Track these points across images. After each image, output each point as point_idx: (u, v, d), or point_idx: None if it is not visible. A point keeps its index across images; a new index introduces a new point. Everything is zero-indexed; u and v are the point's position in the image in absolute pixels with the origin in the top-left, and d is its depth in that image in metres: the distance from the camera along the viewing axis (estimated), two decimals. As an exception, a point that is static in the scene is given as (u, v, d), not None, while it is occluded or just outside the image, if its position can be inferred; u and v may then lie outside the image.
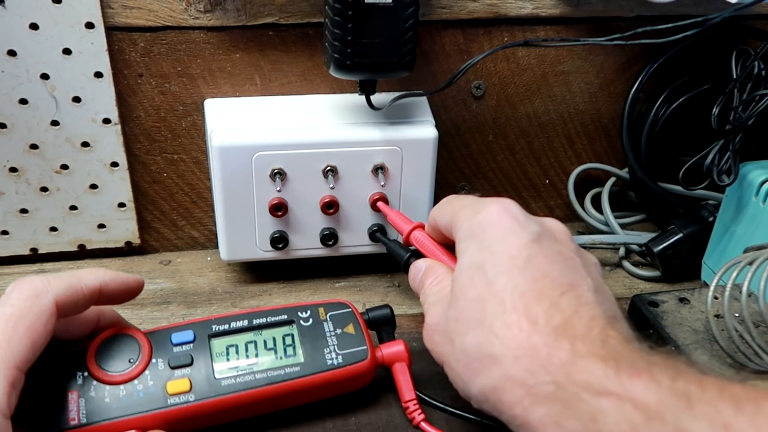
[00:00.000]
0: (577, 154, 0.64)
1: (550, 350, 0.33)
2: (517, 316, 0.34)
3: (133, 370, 0.39)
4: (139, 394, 0.38)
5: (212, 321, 0.42)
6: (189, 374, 0.39)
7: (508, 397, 0.33)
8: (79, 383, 0.38)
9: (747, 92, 0.53)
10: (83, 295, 0.37)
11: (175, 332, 0.41)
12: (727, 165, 0.53)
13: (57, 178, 0.54)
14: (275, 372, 0.40)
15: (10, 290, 0.36)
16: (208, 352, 0.41)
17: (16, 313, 0.34)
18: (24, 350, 0.33)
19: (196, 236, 0.60)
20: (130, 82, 0.52)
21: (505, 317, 0.35)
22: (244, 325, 0.42)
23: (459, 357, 0.36)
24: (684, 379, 0.29)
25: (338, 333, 0.43)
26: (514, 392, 0.33)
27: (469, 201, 0.41)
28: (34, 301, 0.35)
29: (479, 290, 0.36)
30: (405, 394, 0.43)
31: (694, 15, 0.53)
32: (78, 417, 0.37)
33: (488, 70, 0.57)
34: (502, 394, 0.34)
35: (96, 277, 0.38)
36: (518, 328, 0.34)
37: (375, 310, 0.46)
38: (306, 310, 0.44)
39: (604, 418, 0.30)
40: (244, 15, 0.51)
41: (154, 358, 0.40)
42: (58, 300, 0.36)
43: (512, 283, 0.35)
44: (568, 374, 0.32)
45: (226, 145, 0.49)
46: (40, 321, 0.35)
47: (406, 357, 0.44)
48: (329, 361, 0.41)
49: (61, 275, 0.37)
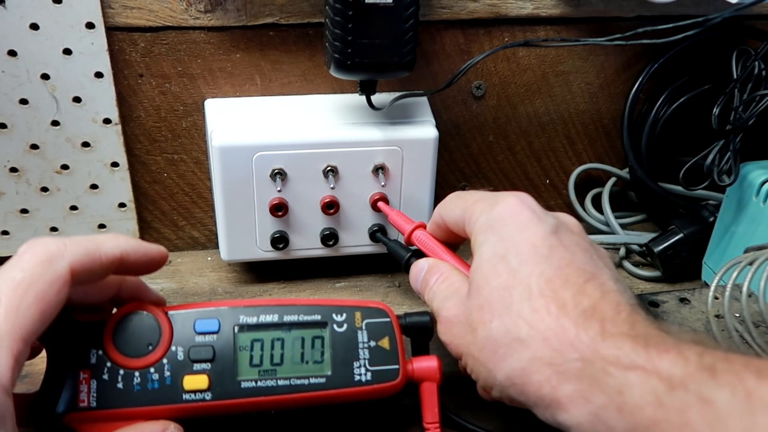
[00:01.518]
0: (577, 154, 0.64)
1: (579, 330, 0.33)
2: (545, 300, 0.35)
3: (150, 356, 0.36)
4: (154, 384, 0.36)
5: (240, 310, 0.39)
6: (209, 370, 0.37)
7: (536, 377, 0.33)
8: (93, 362, 0.36)
9: (747, 92, 0.53)
10: (101, 264, 0.34)
11: (199, 319, 0.38)
12: (728, 165, 0.53)
13: (57, 179, 0.54)
14: (299, 381, 0.38)
15: (22, 251, 0.32)
16: (231, 345, 0.38)
17: (26, 278, 0.31)
18: (32, 321, 0.30)
19: (197, 236, 0.60)
20: (131, 82, 0.52)
21: (532, 302, 0.35)
22: (273, 320, 0.39)
23: (483, 344, 0.36)
24: (711, 355, 0.30)
25: (372, 346, 0.40)
26: (542, 372, 0.33)
27: (482, 195, 0.41)
28: (47, 267, 0.31)
29: (504, 279, 0.36)
30: (427, 415, 0.41)
31: (694, 15, 0.53)
32: (88, 400, 0.35)
33: (489, 70, 0.57)
34: (530, 375, 0.34)
35: (117, 245, 0.35)
36: (546, 311, 0.34)
37: (413, 316, 0.42)
38: (342, 313, 0.40)
39: (629, 390, 0.30)
40: (245, 15, 0.51)
41: (174, 345, 0.37)
42: (74, 267, 0.32)
43: (538, 270, 0.36)
44: (596, 351, 0.32)
45: (227, 145, 0.49)
46: (52, 289, 0.31)
47: (437, 376, 0.41)
48: (357, 377, 0.39)
49: (79, 239, 0.34)
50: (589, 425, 0.31)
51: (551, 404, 0.33)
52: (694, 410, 0.28)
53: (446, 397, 0.45)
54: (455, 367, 0.47)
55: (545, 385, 0.33)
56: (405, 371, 0.40)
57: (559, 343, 0.33)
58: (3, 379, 0.29)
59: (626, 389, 0.30)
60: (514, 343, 0.35)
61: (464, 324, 0.38)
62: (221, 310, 0.39)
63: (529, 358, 0.34)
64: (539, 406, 0.34)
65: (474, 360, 0.37)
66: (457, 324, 0.39)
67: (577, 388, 0.32)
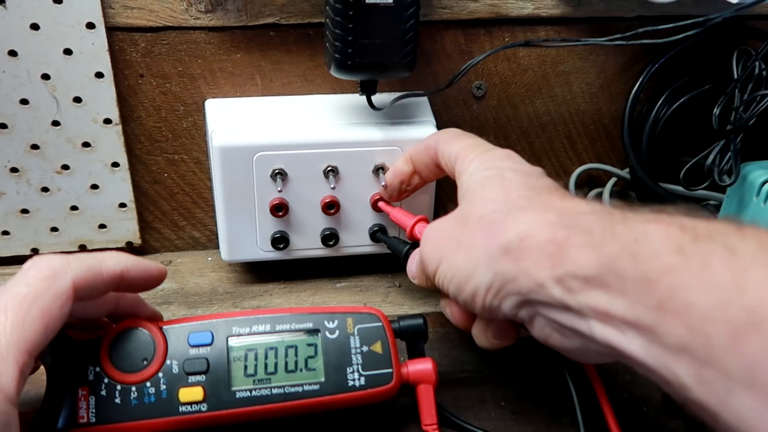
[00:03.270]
0: (578, 154, 0.64)
1: (590, 204, 0.33)
2: (549, 192, 0.36)
3: (146, 370, 0.37)
4: (151, 398, 0.37)
5: (233, 321, 0.40)
6: (203, 382, 0.38)
7: (540, 236, 0.33)
8: (90, 379, 0.37)
9: (748, 92, 0.53)
10: (103, 280, 0.35)
11: (193, 332, 0.39)
12: (728, 165, 0.53)
13: (58, 179, 0.54)
14: (293, 388, 0.39)
15: (26, 267, 0.34)
16: (225, 357, 0.39)
17: (31, 293, 0.32)
18: (36, 334, 0.31)
19: (197, 236, 0.60)
20: (131, 83, 0.52)
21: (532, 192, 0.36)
22: (266, 329, 0.40)
23: (477, 227, 0.36)
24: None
25: (364, 351, 0.40)
26: (546, 230, 0.33)
27: (480, 141, 0.44)
28: (50, 282, 0.33)
29: (499, 182, 0.38)
30: (425, 418, 0.41)
31: (695, 15, 0.53)
32: (87, 416, 0.36)
33: (489, 71, 0.57)
34: (532, 235, 0.33)
35: (118, 262, 0.36)
36: (548, 192, 0.36)
37: (407, 319, 0.43)
38: (333, 320, 0.41)
39: (648, 239, 0.30)
40: (245, 15, 0.51)
41: (169, 359, 0.38)
42: (77, 283, 0.33)
43: (535, 180, 0.38)
44: (609, 212, 0.32)
45: (227, 145, 0.49)
46: (55, 304, 0.32)
47: (432, 379, 0.41)
48: (351, 382, 0.39)
49: (82, 256, 0.35)
50: (596, 275, 0.30)
51: (554, 257, 0.32)
52: (717, 257, 0.27)
53: (447, 398, 0.45)
54: (453, 368, 0.47)
55: (548, 244, 0.32)
56: (399, 375, 0.40)
57: (564, 207, 0.34)
58: (8, 389, 0.29)
59: (644, 238, 0.30)
60: (515, 212, 0.35)
61: (453, 227, 0.38)
62: (214, 322, 0.40)
63: (531, 219, 0.34)
64: (541, 268, 0.33)
65: (456, 254, 0.37)
66: (444, 231, 0.39)
67: (588, 238, 0.31)
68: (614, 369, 0.48)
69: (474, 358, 0.49)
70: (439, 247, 0.39)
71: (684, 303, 0.27)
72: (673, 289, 0.28)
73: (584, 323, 0.32)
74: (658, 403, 0.45)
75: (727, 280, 0.27)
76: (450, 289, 0.38)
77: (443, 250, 0.38)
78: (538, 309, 0.34)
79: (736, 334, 0.26)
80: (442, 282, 0.39)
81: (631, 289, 0.29)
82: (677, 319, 0.27)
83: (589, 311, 0.31)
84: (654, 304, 0.28)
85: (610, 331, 0.30)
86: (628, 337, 0.30)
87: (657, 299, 0.28)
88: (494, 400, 0.45)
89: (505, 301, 0.35)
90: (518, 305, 0.35)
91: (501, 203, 0.36)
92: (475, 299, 0.36)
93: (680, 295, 0.28)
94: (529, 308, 0.35)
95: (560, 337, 0.34)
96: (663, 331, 0.28)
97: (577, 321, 0.32)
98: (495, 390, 0.46)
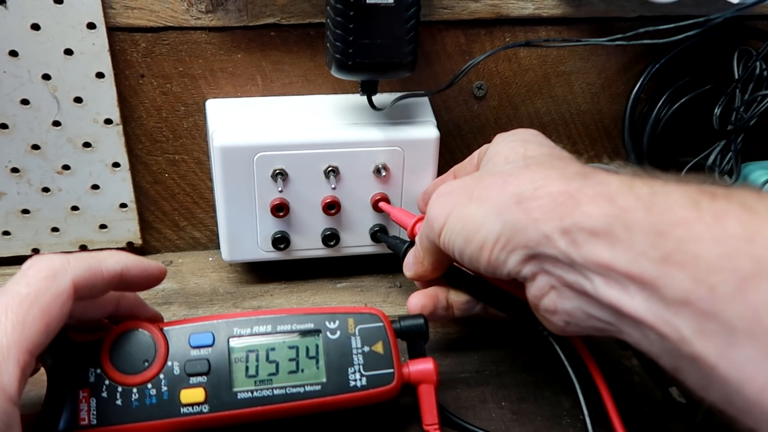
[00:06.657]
0: (578, 154, 0.63)
1: (608, 175, 0.33)
2: (571, 159, 0.37)
3: (147, 372, 0.37)
4: (152, 399, 0.37)
5: (234, 322, 0.40)
6: (204, 383, 0.38)
7: (554, 185, 0.33)
8: (92, 381, 0.37)
9: (749, 93, 0.53)
10: (103, 279, 0.35)
11: (194, 333, 0.39)
12: (729, 165, 0.53)
13: (58, 179, 0.54)
14: (294, 389, 0.38)
15: (26, 267, 0.33)
16: (226, 358, 0.39)
17: (31, 293, 0.32)
18: (37, 334, 0.31)
19: (198, 237, 0.60)
20: (132, 83, 0.52)
21: (553, 157, 0.37)
22: (267, 330, 0.40)
23: (491, 180, 0.37)
24: None
25: (365, 351, 0.40)
26: (561, 182, 0.33)
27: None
28: (51, 282, 0.33)
29: (522, 147, 0.39)
30: (427, 418, 0.41)
31: (695, 15, 0.53)
32: (88, 418, 0.36)
33: (490, 71, 0.57)
34: (546, 185, 0.33)
35: (117, 261, 0.36)
36: (570, 159, 0.37)
37: (408, 319, 0.43)
38: (334, 320, 0.41)
39: (666, 195, 0.30)
40: (246, 15, 0.51)
41: (170, 360, 0.38)
42: (77, 282, 0.33)
43: (558, 151, 0.39)
44: (631, 173, 0.33)
45: (228, 145, 0.49)
46: (56, 303, 0.32)
47: (434, 378, 0.41)
48: (352, 382, 0.39)
49: (82, 256, 0.35)
50: (604, 227, 0.30)
51: (565, 206, 0.32)
52: (732, 213, 0.27)
53: (447, 398, 0.45)
54: (454, 368, 0.47)
55: (561, 194, 0.32)
56: (400, 375, 0.40)
57: (585, 168, 0.34)
58: (10, 389, 0.29)
59: (662, 193, 0.30)
60: (533, 166, 0.36)
61: (467, 182, 0.39)
62: (215, 323, 0.40)
63: (549, 173, 0.34)
64: (546, 221, 0.33)
65: (467, 206, 0.37)
66: (458, 187, 0.39)
67: (602, 189, 0.31)
68: (617, 370, 0.48)
69: (475, 359, 0.49)
70: (449, 201, 0.39)
71: (692, 254, 0.27)
72: (681, 241, 0.28)
73: (588, 282, 0.32)
74: (659, 403, 0.46)
75: (739, 232, 0.27)
76: (456, 243, 0.38)
77: (453, 204, 0.38)
78: (544, 265, 0.34)
79: (742, 283, 0.26)
80: (448, 238, 0.38)
81: (638, 241, 0.29)
82: (682, 271, 0.27)
83: (592, 265, 0.31)
84: (660, 256, 0.28)
85: (612, 288, 0.30)
86: (629, 293, 0.30)
87: (664, 251, 0.28)
88: (495, 401, 0.45)
89: (512, 256, 0.35)
90: (524, 260, 0.34)
91: (521, 161, 0.37)
92: (482, 252, 0.36)
93: (689, 247, 0.28)
94: (535, 264, 0.34)
95: (556, 296, 0.34)
96: (666, 283, 0.28)
97: (581, 279, 0.32)
98: (496, 390, 0.46)
